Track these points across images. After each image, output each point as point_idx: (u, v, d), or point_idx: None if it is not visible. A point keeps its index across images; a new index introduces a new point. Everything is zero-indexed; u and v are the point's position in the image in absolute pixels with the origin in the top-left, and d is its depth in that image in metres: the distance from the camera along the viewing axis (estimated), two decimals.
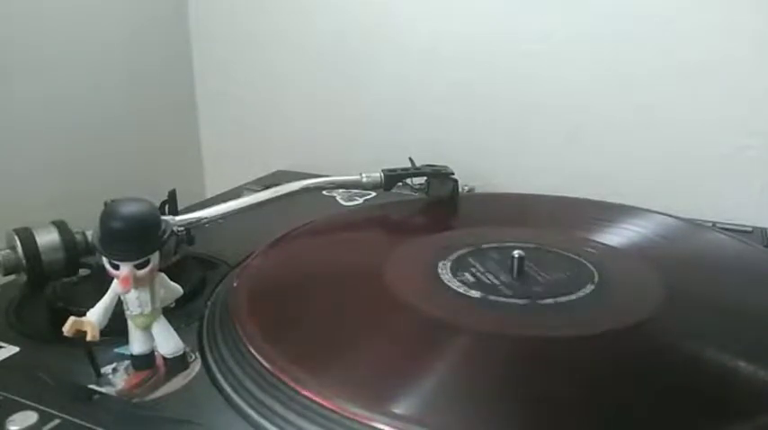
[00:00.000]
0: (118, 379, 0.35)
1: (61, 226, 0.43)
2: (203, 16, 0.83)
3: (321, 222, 0.55)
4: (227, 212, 0.50)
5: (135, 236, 0.33)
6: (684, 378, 0.33)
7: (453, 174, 0.60)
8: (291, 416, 0.31)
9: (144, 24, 0.78)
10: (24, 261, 0.41)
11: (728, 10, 0.58)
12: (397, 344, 0.36)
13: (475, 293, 0.41)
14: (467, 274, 0.43)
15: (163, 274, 0.36)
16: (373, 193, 0.64)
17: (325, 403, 0.31)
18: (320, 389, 0.31)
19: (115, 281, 0.34)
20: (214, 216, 0.49)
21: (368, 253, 0.49)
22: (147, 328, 0.35)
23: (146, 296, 0.34)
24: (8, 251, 0.41)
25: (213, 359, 0.37)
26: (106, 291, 0.34)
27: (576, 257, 0.46)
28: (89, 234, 0.43)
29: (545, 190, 0.61)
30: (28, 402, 0.33)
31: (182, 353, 0.36)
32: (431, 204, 0.60)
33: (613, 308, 0.39)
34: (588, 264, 0.44)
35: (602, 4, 0.63)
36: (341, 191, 0.66)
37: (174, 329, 0.36)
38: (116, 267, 0.33)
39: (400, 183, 0.59)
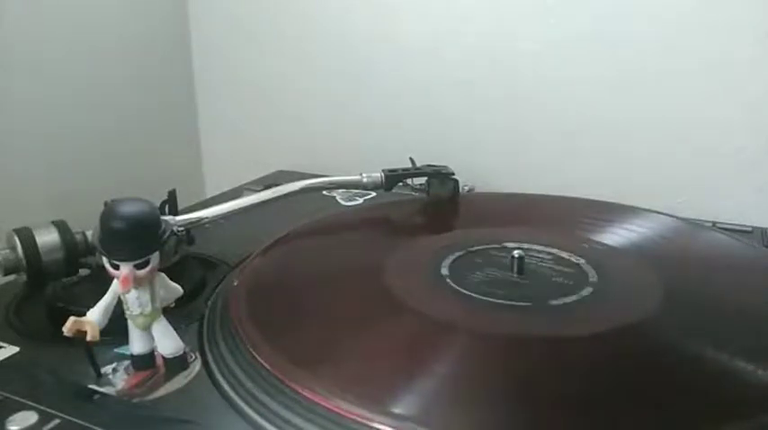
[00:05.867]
0: (118, 379, 0.35)
1: (61, 226, 0.43)
2: (203, 16, 0.83)
3: (321, 222, 0.55)
4: (227, 212, 0.50)
5: (135, 236, 0.33)
6: (684, 378, 0.33)
7: (453, 174, 0.60)
8: (291, 416, 0.31)
9: (144, 24, 0.78)
10: (24, 261, 0.41)
11: (728, 10, 0.58)
12: (397, 345, 0.36)
13: (475, 293, 0.41)
14: (467, 274, 0.43)
15: (163, 274, 0.36)
16: (373, 193, 0.64)
17: (324, 403, 0.31)
18: (319, 389, 0.31)
19: (115, 281, 0.34)
20: (214, 216, 0.49)
21: (368, 253, 0.49)
22: (147, 328, 0.35)
23: (146, 296, 0.34)
24: (8, 251, 0.42)
25: (213, 359, 0.37)
26: (106, 291, 0.34)
27: (576, 257, 0.46)
28: (89, 234, 0.43)
29: (545, 190, 0.61)
30: (28, 402, 0.33)
31: (182, 353, 0.36)
32: (431, 204, 0.60)
33: (613, 308, 0.39)
34: (588, 264, 0.44)
35: (602, 4, 0.63)
36: (341, 191, 0.66)
37: (174, 329, 0.36)
38: (116, 267, 0.33)
39: (401, 183, 0.59)
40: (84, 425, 0.31)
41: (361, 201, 0.65)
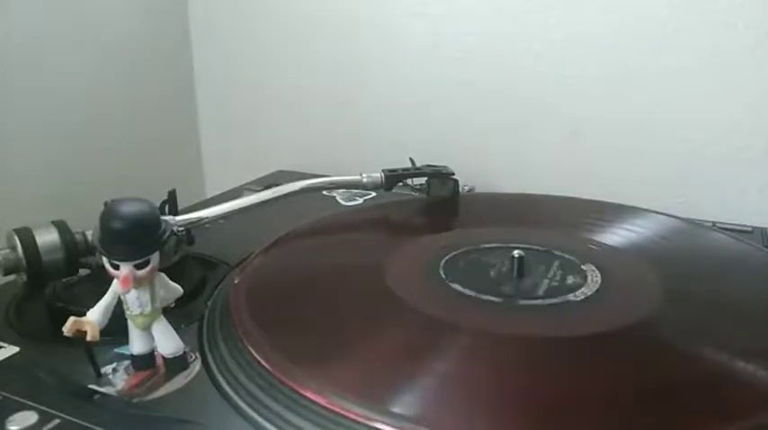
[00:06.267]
0: (118, 379, 0.35)
1: (61, 226, 0.43)
2: (203, 16, 0.83)
3: (321, 222, 0.55)
4: (228, 212, 0.50)
5: (135, 236, 0.33)
6: (684, 377, 0.33)
7: (453, 174, 0.60)
8: (291, 416, 0.31)
9: (144, 23, 0.78)
10: (24, 261, 0.41)
11: (728, 10, 0.58)
12: (397, 344, 0.36)
13: (475, 293, 0.41)
14: (467, 274, 0.43)
15: (163, 274, 0.36)
16: (373, 193, 0.64)
17: (324, 403, 0.31)
18: (320, 389, 0.31)
19: (115, 281, 0.34)
20: (214, 216, 0.49)
21: (368, 253, 0.49)
22: (147, 328, 0.35)
23: (146, 296, 0.34)
24: (8, 251, 0.41)
25: (213, 359, 0.37)
26: (106, 291, 0.34)
27: (576, 257, 0.46)
28: (89, 234, 0.43)
29: (545, 190, 0.61)
30: (28, 402, 0.33)
31: (182, 353, 0.36)
32: (431, 204, 0.60)
33: (613, 308, 0.39)
34: (588, 264, 0.44)
35: (603, 3, 0.63)
36: (341, 191, 0.66)
37: (174, 329, 0.36)
38: (116, 267, 0.33)
39: (401, 183, 0.59)
40: (84, 425, 0.31)
41: (361, 201, 0.65)
